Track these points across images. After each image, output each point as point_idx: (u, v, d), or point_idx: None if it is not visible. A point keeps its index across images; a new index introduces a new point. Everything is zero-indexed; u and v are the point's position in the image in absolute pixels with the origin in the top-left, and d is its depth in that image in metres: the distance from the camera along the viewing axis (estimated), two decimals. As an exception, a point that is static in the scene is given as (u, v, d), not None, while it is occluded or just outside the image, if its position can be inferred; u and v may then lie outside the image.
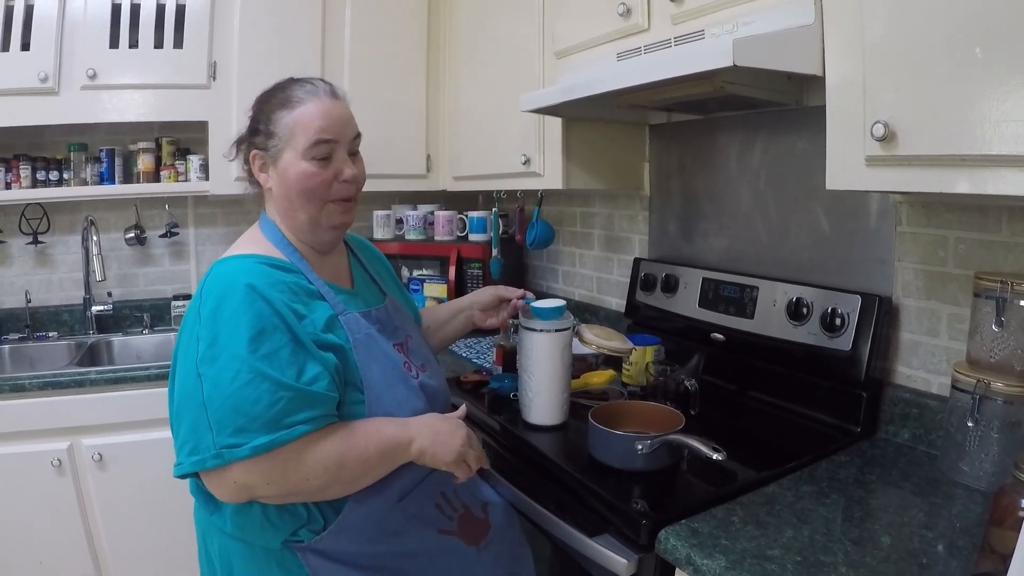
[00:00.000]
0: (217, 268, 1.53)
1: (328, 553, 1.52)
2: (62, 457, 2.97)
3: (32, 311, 3.72)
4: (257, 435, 1.36)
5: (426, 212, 3.94)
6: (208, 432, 1.35)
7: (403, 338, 1.80)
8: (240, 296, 1.44)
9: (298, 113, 1.64)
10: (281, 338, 1.44)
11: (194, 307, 1.49)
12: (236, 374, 1.37)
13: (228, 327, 1.41)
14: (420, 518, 1.64)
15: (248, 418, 1.36)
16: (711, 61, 1.70)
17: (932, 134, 1.43)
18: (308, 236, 1.71)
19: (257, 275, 1.50)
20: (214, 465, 1.35)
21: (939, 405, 1.96)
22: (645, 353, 2.50)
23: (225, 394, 1.37)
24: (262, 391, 1.37)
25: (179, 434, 1.42)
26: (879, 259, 2.13)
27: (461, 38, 3.60)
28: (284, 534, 1.50)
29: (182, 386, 1.44)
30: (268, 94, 1.70)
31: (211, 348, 1.40)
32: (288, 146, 1.64)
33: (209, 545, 1.65)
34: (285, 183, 1.65)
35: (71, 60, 3.25)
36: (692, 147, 2.81)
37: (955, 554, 1.44)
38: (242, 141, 1.76)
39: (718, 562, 1.41)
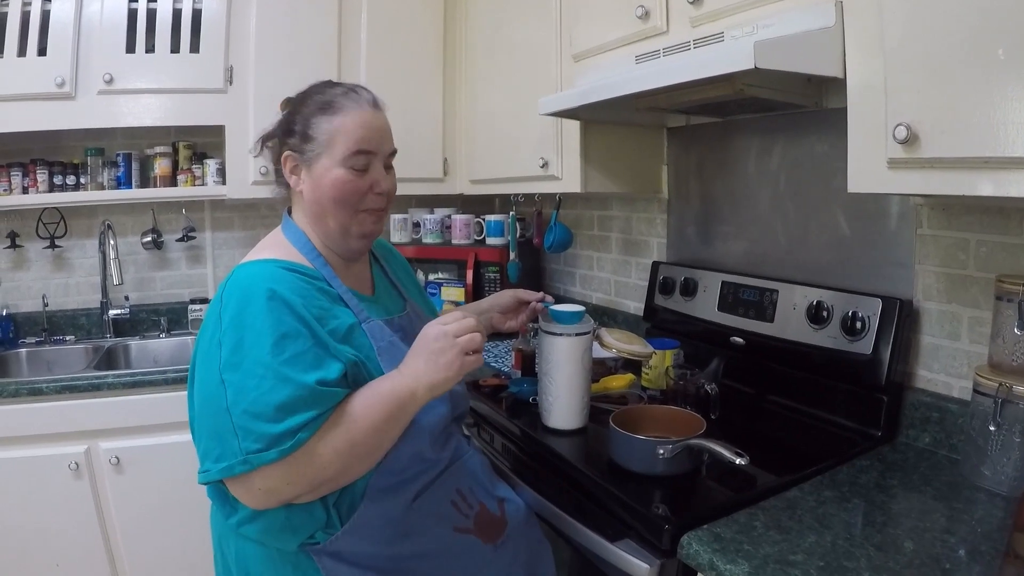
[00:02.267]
0: (238, 272, 1.52)
1: (343, 555, 1.51)
2: (79, 460, 2.99)
3: (49, 315, 3.74)
4: (283, 439, 1.36)
5: (443, 216, 3.93)
6: (234, 438, 1.35)
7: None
8: (262, 301, 1.43)
9: (339, 120, 1.63)
10: (304, 342, 1.44)
11: (214, 311, 1.48)
12: (260, 380, 1.37)
13: (251, 332, 1.41)
14: (436, 516, 1.62)
15: (276, 425, 1.36)
16: (732, 64, 1.69)
17: (954, 136, 1.42)
18: (337, 244, 1.69)
19: (279, 280, 1.49)
20: (242, 471, 1.35)
21: (960, 409, 1.95)
22: (665, 357, 2.49)
23: (249, 399, 1.36)
24: (290, 398, 1.37)
25: (202, 440, 1.42)
26: (900, 262, 2.12)
27: (478, 41, 3.60)
28: (301, 537, 1.49)
29: (204, 392, 1.43)
30: (306, 95, 1.69)
31: (234, 354, 1.39)
32: (325, 152, 1.63)
33: (225, 549, 1.64)
34: (318, 189, 1.64)
35: (88, 65, 3.27)
36: (711, 150, 2.80)
37: (978, 559, 1.43)
38: (269, 138, 1.76)
39: (741, 567, 1.41)
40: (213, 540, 1.71)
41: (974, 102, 1.37)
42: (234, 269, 1.54)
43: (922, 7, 1.46)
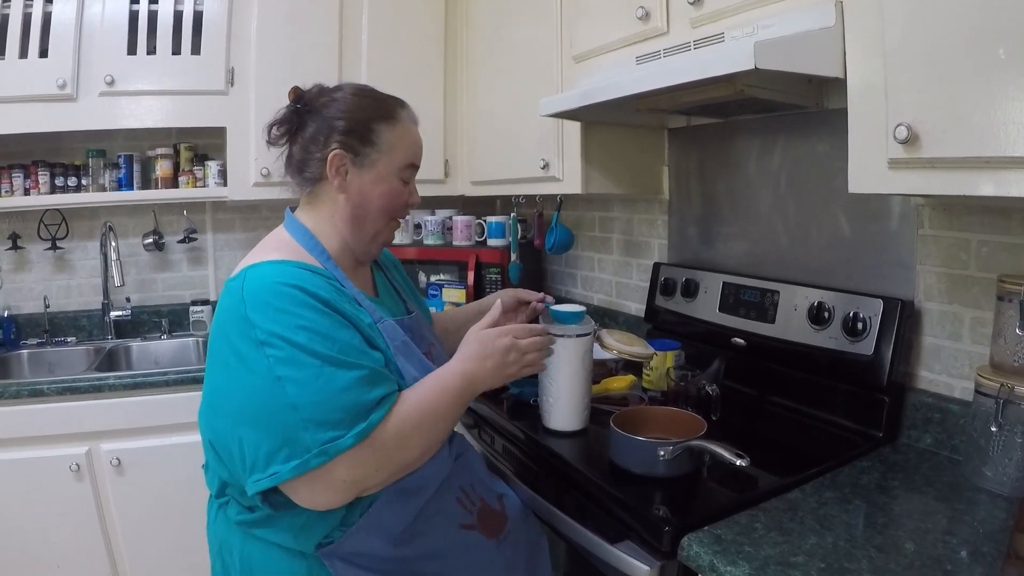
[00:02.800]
0: (256, 272, 1.49)
1: (355, 558, 1.51)
2: (80, 462, 2.99)
3: (51, 316, 3.75)
4: (355, 423, 1.37)
5: (444, 217, 3.92)
6: (304, 432, 1.34)
7: (428, 347, 1.78)
8: (294, 298, 1.42)
9: (401, 131, 1.69)
10: (349, 331, 1.46)
11: (236, 313, 1.43)
12: (319, 371, 1.37)
13: (295, 327, 1.39)
14: (443, 515, 1.62)
15: (343, 410, 1.36)
16: (732, 64, 1.69)
17: (955, 136, 1.41)
18: (361, 247, 1.72)
19: (302, 278, 1.47)
20: (319, 463, 1.34)
21: (962, 410, 1.94)
22: (666, 358, 2.49)
23: (313, 391, 1.36)
24: (350, 380, 1.39)
25: (259, 445, 1.37)
26: (901, 262, 2.11)
27: (478, 43, 3.60)
28: (320, 535, 1.49)
29: (255, 396, 1.38)
30: (365, 100, 1.69)
31: (283, 350, 1.38)
32: (384, 158, 1.66)
33: (227, 554, 1.62)
34: (368, 194, 1.66)
35: (89, 67, 3.27)
36: (711, 151, 2.80)
37: (979, 560, 1.43)
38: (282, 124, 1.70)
39: (742, 569, 1.40)
40: (212, 545, 1.69)
41: (975, 102, 1.37)
42: (245, 270, 1.51)
43: (922, 7, 1.46)
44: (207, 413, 1.51)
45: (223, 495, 1.59)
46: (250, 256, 1.60)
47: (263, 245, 1.66)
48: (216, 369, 1.48)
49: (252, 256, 1.60)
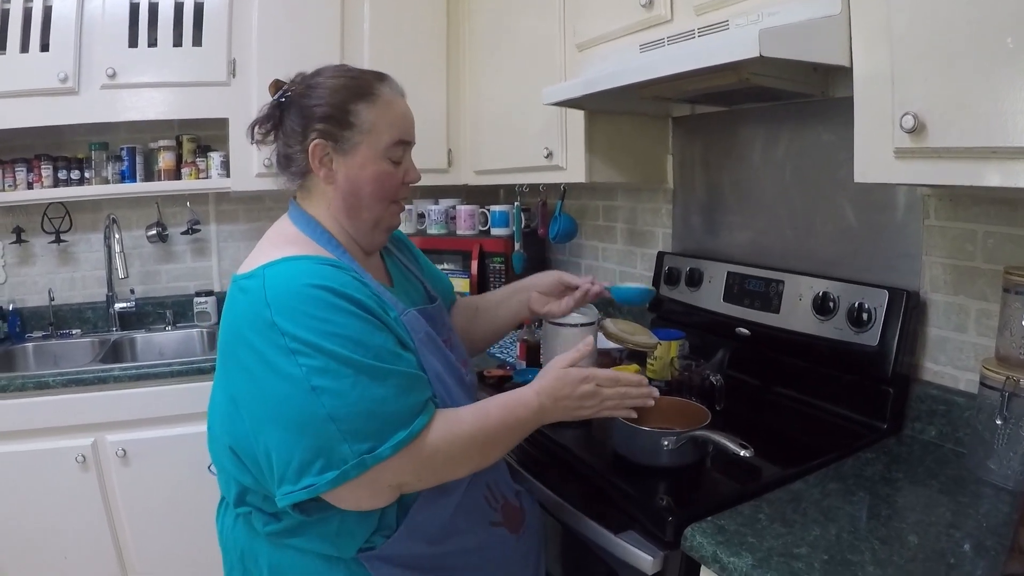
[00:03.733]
0: (275, 273, 1.41)
1: (395, 559, 1.49)
2: (86, 453, 3.01)
3: (55, 309, 3.76)
4: (394, 433, 1.34)
5: (448, 206, 3.94)
6: (342, 443, 1.30)
7: (448, 334, 1.76)
8: (324, 301, 1.36)
9: (381, 107, 1.59)
10: (382, 333, 1.41)
11: (260, 318, 1.36)
12: (356, 380, 1.32)
13: (325, 334, 1.33)
14: (475, 513, 1.62)
15: (382, 420, 1.33)
16: (736, 52, 1.68)
17: (962, 126, 1.40)
18: (364, 237, 1.65)
19: (327, 277, 1.40)
20: (357, 474, 1.31)
21: (967, 402, 1.94)
22: (670, 348, 2.49)
23: (350, 402, 1.31)
24: (389, 390, 1.35)
25: (293, 456, 1.32)
26: (906, 253, 2.11)
27: (481, 31, 3.59)
28: (360, 541, 1.46)
29: (287, 405, 1.33)
30: (340, 80, 1.59)
31: (316, 359, 1.32)
32: (366, 141, 1.57)
33: (250, 563, 1.58)
34: (355, 180, 1.58)
35: (90, 60, 3.28)
36: (716, 139, 2.79)
37: (983, 554, 1.42)
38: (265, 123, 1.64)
39: (745, 560, 1.40)
40: (230, 552, 1.64)
41: (982, 91, 1.36)
42: (262, 270, 1.43)
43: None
44: (227, 418, 1.48)
45: (243, 504, 1.53)
46: (261, 251, 1.53)
47: (272, 239, 1.59)
48: (236, 373, 1.43)
49: (264, 251, 1.52)
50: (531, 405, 1.55)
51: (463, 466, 1.49)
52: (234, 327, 1.42)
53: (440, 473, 1.45)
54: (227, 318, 1.47)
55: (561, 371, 1.59)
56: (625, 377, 1.66)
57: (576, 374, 1.59)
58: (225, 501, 1.64)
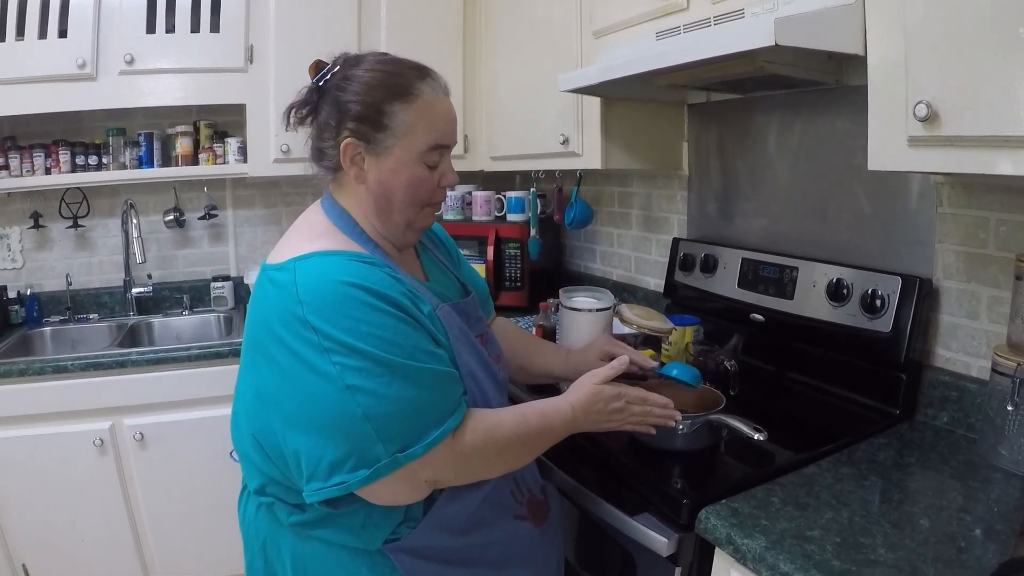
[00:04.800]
0: (307, 268, 1.40)
1: (421, 551, 1.50)
2: (104, 437, 3.04)
3: (73, 294, 3.79)
4: (427, 432, 1.35)
5: (464, 192, 3.93)
6: (376, 443, 1.31)
7: (484, 329, 1.75)
8: (357, 299, 1.35)
9: (419, 109, 1.51)
10: (415, 332, 1.40)
11: (292, 314, 1.34)
12: (390, 380, 1.32)
13: (359, 334, 1.32)
14: (501, 506, 1.62)
15: (416, 419, 1.35)
16: (752, 40, 1.69)
17: (975, 115, 1.41)
18: (395, 236, 1.60)
19: (360, 275, 1.38)
20: (389, 472, 1.32)
21: (978, 388, 1.95)
22: (685, 333, 2.49)
23: (385, 401, 1.31)
24: (423, 390, 1.36)
25: (325, 454, 1.32)
26: (920, 240, 2.11)
27: (498, 18, 3.59)
28: (386, 532, 1.46)
29: (320, 403, 1.32)
30: (378, 76, 1.51)
31: (350, 358, 1.31)
32: (401, 143, 1.50)
33: (272, 552, 1.58)
34: (389, 183, 1.52)
35: (108, 46, 3.29)
36: (731, 127, 2.80)
37: (993, 538, 1.44)
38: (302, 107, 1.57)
39: (758, 542, 1.42)
40: (251, 541, 1.64)
41: (995, 80, 1.37)
42: (293, 263, 1.41)
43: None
44: (253, 410, 1.48)
45: (264, 494, 1.54)
46: (292, 242, 1.51)
47: (303, 229, 1.56)
48: (264, 367, 1.41)
49: (294, 242, 1.50)
50: (566, 416, 1.58)
51: (498, 467, 1.52)
52: (264, 320, 1.41)
53: (476, 472, 1.48)
54: (257, 309, 1.45)
55: (596, 387, 1.62)
56: (653, 398, 1.69)
57: (610, 392, 1.63)
58: (248, 489, 1.64)
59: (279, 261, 1.44)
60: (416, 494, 1.41)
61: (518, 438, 1.50)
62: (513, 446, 1.50)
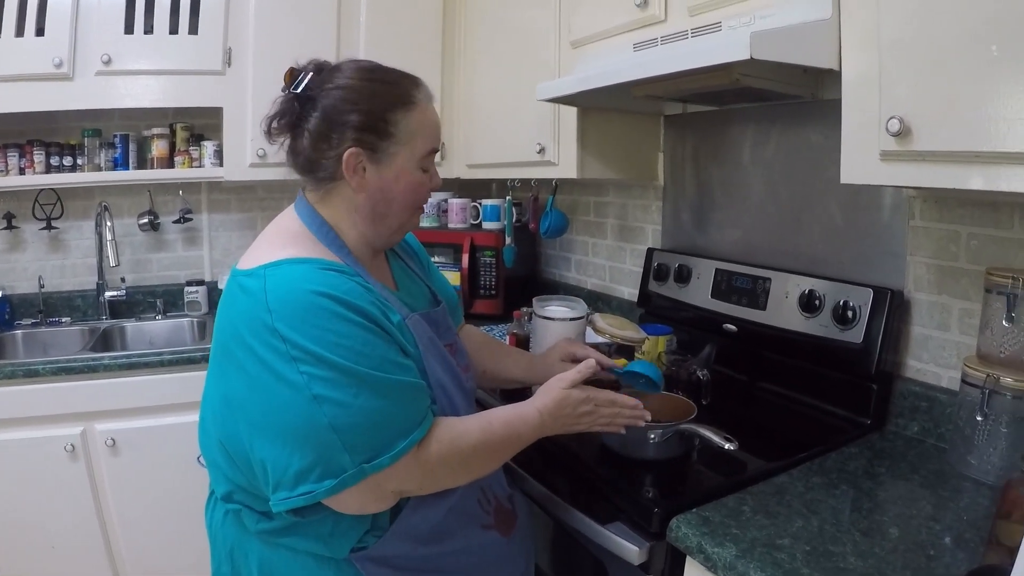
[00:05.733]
0: (277, 276, 1.38)
1: (386, 559, 1.49)
2: (75, 442, 3.01)
3: (45, 296, 3.74)
4: (394, 444, 1.34)
5: (440, 200, 3.93)
6: (343, 453, 1.30)
7: (453, 338, 1.75)
8: (326, 309, 1.34)
9: (419, 115, 1.55)
10: (384, 343, 1.40)
11: (261, 321, 1.33)
12: (358, 391, 1.32)
13: (327, 343, 1.31)
14: (467, 515, 1.62)
15: (382, 431, 1.34)
16: (728, 54, 1.70)
17: (947, 130, 1.43)
18: (381, 240, 1.62)
19: (330, 284, 1.37)
20: (355, 482, 1.31)
21: (949, 399, 1.97)
22: (658, 343, 2.51)
23: (352, 412, 1.31)
24: (390, 401, 1.36)
25: (291, 463, 1.31)
26: (891, 253, 2.13)
27: (477, 26, 3.59)
28: (353, 541, 1.46)
29: (286, 412, 1.31)
30: (377, 85, 1.53)
31: (318, 368, 1.30)
32: (403, 151, 1.53)
33: (239, 559, 1.57)
34: (391, 189, 1.54)
35: (86, 46, 3.26)
36: (707, 138, 2.81)
37: (962, 546, 1.45)
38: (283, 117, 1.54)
39: (728, 551, 1.43)
40: (219, 547, 1.63)
41: (967, 97, 1.39)
42: (263, 270, 1.40)
43: (919, 2, 1.47)
44: (220, 416, 1.46)
45: (231, 500, 1.52)
46: (263, 247, 1.50)
47: (275, 235, 1.55)
48: (232, 374, 1.40)
49: (265, 248, 1.49)
50: (532, 422, 1.57)
51: (463, 477, 1.51)
52: (233, 327, 1.40)
53: (441, 481, 1.47)
54: (226, 315, 1.45)
55: (564, 392, 1.62)
56: (622, 399, 1.69)
57: (577, 396, 1.62)
58: (215, 495, 1.63)
59: (250, 267, 1.43)
60: (382, 504, 1.41)
61: (483, 446, 1.50)
62: (479, 455, 1.50)
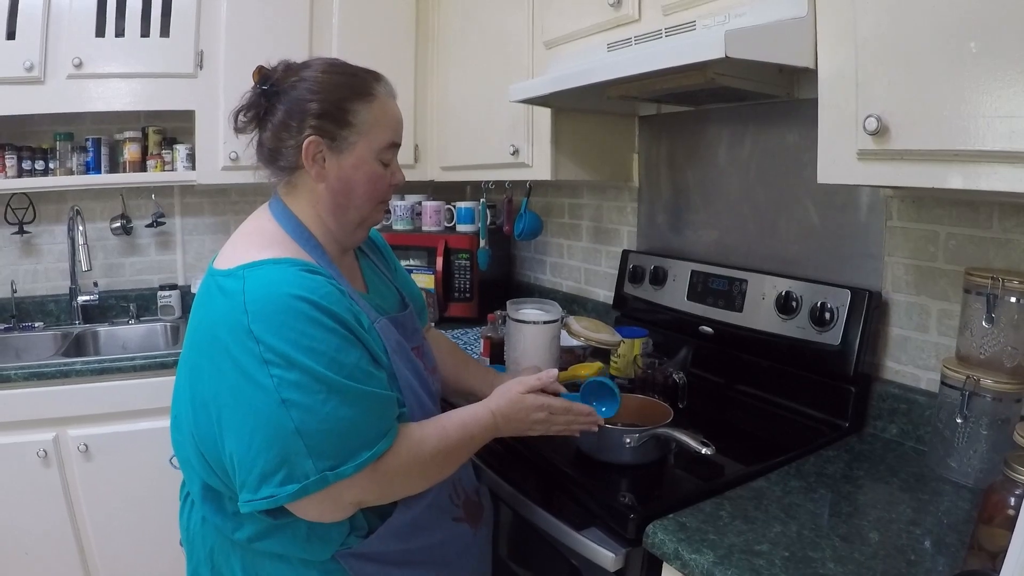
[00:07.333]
0: (256, 278, 1.38)
1: (372, 556, 1.50)
2: (48, 448, 2.97)
3: (18, 301, 3.70)
4: (358, 453, 1.34)
5: (414, 202, 3.92)
6: (306, 459, 1.29)
7: (420, 341, 1.76)
8: (303, 314, 1.34)
9: (378, 108, 1.56)
10: (356, 351, 1.40)
11: (238, 323, 1.33)
12: (327, 397, 1.31)
13: (303, 348, 1.32)
14: (441, 509, 1.63)
15: (348, 440, 1.34)
16: (702, 52, 1.69)
17: (925, 129, 1.42)
18: (345, 235, 1.62)
19: (309, 288, 1.37)
20: (317, 489, 1.31)
21: (928, 401, 1.96)
22: (633, 346, 2.49)
23: (319, 418, 1.30)
24: (358, 411, 1.35)
25: (255, 465, 1.31)
26: (869, 253, 2.13)
27: (450, 27, 3.58)
28: (335, 545, 1.46)
29: (255, 414, 1.31)
30: (337, 77, 1.56)
31: (289, 372, 1.30)
32: (362, 141, 1.54)
33: (220, 562, 1.56)
34: (348, 180, 1.55)
35: (57, 49, 3.22)
36: (682, 139, 2.80)
37: (943, 551, 1.44)
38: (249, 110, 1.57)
39: (706, 557, 1.41)
40: (199, 551, 1.60)
41: (945, 95, 1.38)
42: (242, 271, 1.40)
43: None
44: (194, 417, 1.44)
45: (206, 501, 1.51)
46: (240, 246, 1.51)
47: (253, 234, 1.56)
48: (205, 372, 1.40)
49: (243, 247, 1.50)
50: (486, 424, 1.60)
51: (420, 484, 1.51)
52: (210, 327, 1.40)
53: (398, 491, 1.48)
54: (203, 315, 1.45)
55: (519, 396, 1.65)
56: (577, 408, 1.72)
57: (532, 402, 1.65)
58: (190, 498, 1.61)
59: (228, 266, 1.43)
60: (339, 514, 1.41)
61: (440, 452, 1.51)
62: (436, 461, 1.51)
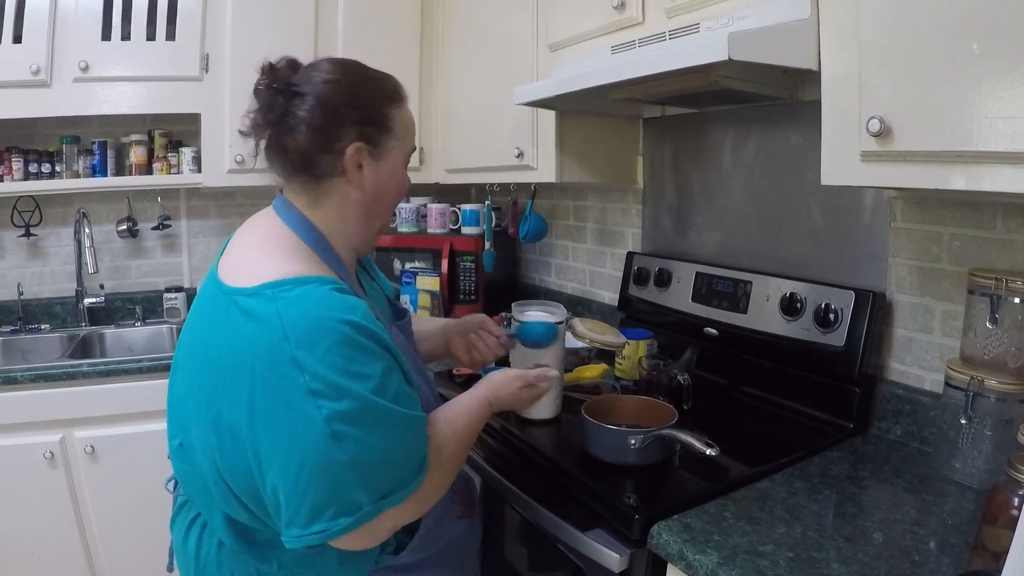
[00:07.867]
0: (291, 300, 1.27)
1: (399, 568, 1.52)
2: (54, 449, 2.98)
3: (24, 303, 3.72)
4: (409, 482, 1.33)
5: (419, 205, 3.94)
6: (359, 491, 1.25)
7: (415, 345, 1.77)
8: (347, 338, 1.25)
9: (407, 112, 1.54)
10: (397, 375, 1.35)
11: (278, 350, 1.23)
12: (376, 426, 1.26)
13: (350, 374, 1.24)
14: (447, 511, 1.64)
15: (398, 468, 1.32)
16: (706, 55, 1.69)
17: (928, 130, 1.42)
18: (364, 242, 1.58)
19: (348, 309, 1.29)
20: (368, 521, 1.28)
21: (932, 402, 1.96)
22: (638, 347, 2.49)
23: (370, 450, 1.26)
24: (404, 438, 1.33)
25: (304, 499, 1.23)
26: (873, 255, 2.13)
27: (454, 30, 3.58)
28: (370, 564, 1.47)
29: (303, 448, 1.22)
30: (367, 80, 1.50)
31: (339, 402, 1.22)
32: (399, 146, 1.51)
33: None
34: (385, 185, 1.51)
35: (63, 52, 3.24)
36: (686, 141, 2.81)
37: (947, 551, 1.44)
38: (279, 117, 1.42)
39: (711, 558, 1.41)
40: None
41: (948, 96, 1.38)
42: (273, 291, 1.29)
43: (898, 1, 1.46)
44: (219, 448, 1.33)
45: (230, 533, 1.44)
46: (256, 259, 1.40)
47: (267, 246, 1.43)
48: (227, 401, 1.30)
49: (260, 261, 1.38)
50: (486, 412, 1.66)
51: (443, 491, 1.52)
52: (236, 354, 1.29)
53: (429, 506, 1.47)
54: (223, 340, 1.32)
55: (501, 374, 1.77)
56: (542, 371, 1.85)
57: (513, 373, 1.79)
58: (200, 522, 1.54)
59: (247, 285, 1.32)
60: (374, 541, 1.38)
61: (454, 457, 1.52)
62: (454, 459, 1.52)
